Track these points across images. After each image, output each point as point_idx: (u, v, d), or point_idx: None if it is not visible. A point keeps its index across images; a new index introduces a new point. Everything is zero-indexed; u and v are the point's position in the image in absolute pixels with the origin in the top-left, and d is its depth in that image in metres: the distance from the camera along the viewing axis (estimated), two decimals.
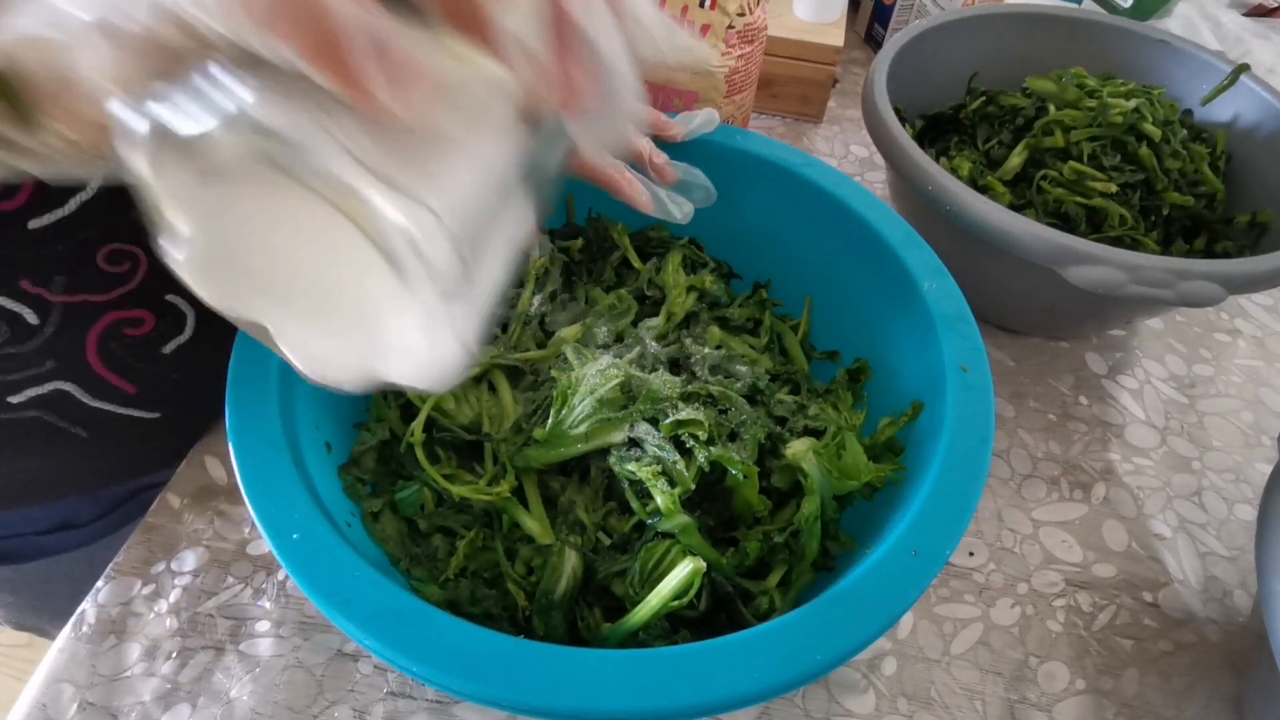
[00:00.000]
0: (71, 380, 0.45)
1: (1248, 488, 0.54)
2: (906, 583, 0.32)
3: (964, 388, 0.39)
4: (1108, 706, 0.43)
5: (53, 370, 0.43)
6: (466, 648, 0.29)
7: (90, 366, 0.45)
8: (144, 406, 0.48)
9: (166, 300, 0.46)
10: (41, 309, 0.41)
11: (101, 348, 0.44)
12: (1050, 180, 0.58)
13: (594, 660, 0.30)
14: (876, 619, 0.31)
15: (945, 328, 0.41)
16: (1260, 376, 0.61)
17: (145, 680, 0.42)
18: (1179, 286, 0.46)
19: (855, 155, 0.78)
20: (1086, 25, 0.67)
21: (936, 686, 0.44)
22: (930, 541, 0.33)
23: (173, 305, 0.46)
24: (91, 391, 0.46)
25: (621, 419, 0.39)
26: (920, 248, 0.45)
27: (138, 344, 0.46)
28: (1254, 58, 0.83)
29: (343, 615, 0.30)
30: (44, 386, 0.44)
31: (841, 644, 0.30)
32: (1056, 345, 0.62)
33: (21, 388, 0.43)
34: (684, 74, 0.60)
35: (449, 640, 0.30)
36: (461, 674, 0.29)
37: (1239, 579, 0.49)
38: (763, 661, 0.30)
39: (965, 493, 0.35)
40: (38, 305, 0.41)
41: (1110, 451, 0.55)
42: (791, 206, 0.50)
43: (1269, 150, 0.60)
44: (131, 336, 0.45)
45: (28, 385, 0.43)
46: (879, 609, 0.31)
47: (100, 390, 0.46)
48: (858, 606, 0.31)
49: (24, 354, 0.42)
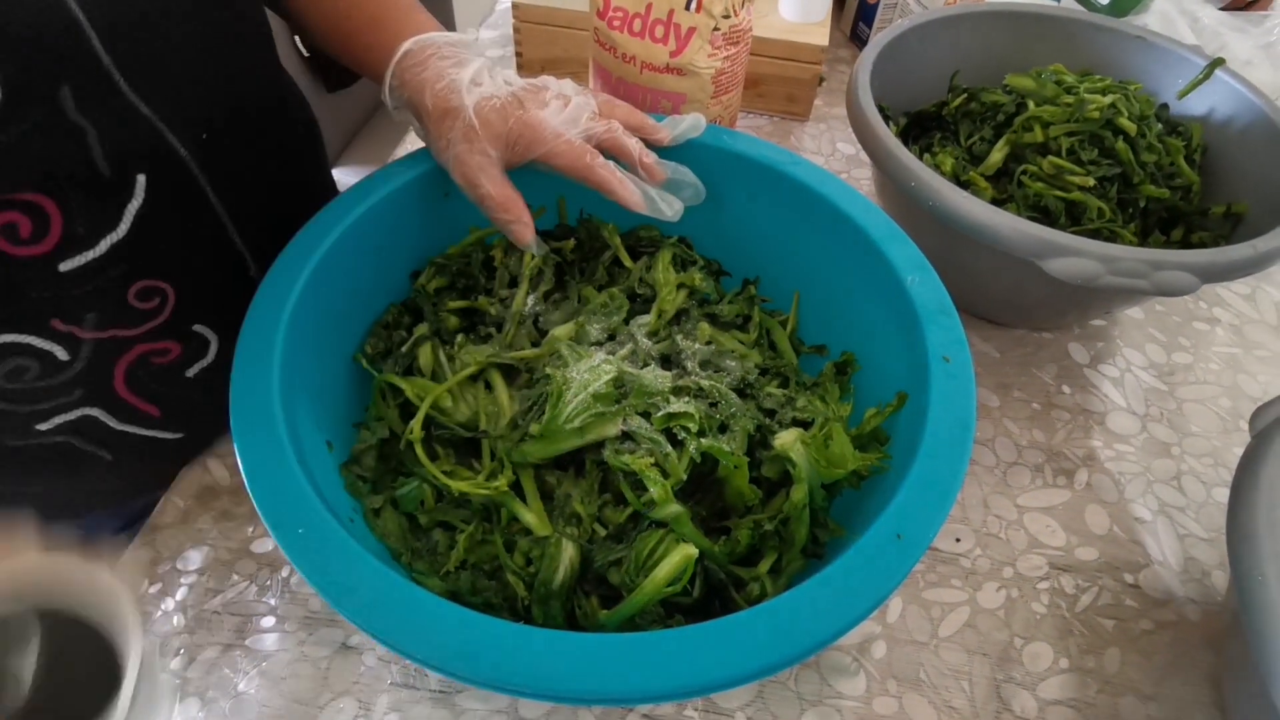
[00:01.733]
0: (99, 406, 0.45)
1: (1225, 471, 0.55)
2: (892, 565, 0.33)
3: (946, 377, 0.40)
4: (1091, 684, 0.45)
5: (81, 398, 0.44)
6: (469, 634, 0.31)
7: (117, 393, 0.45)
8: (168, 428, 0.49)
9: (194, 330, 0.47)
10: (72, 346, 0.42)
11: (129, 376, 0.45)
12: (1030, 175, 0.59)
13: (592, 644, 0.31)
14: (864, 600, 0.32)
15: (928, 320, 0.42)
16: (1238, 363, 0.62)
17: None
18: (1154, 277, 0.48)
19: (842, 152, 0.79)
20: (1066, 22, 0.69)
21: (925, 668, 0.45)
22: (914, 525, 0.34)
23: (198, 333, 0.47)
24: (118, 416, 0.46)
25: (615, 413, 0.40)
26: (903, 243, 0.46)
27: (163, 370, 0.46)
28: (1230, 52, 0.85)
29: (347, 606, 0.31)
30: (72, 413, 0.44)
31: (830, 624, 0.32)
32: (1040, 336, 0.63)
33: (50, 415, 0.44)
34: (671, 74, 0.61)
35: (452, 627, 0.31)
36: (465, 660, 0.30)
37: (1217, 560, 0.50)
38: (754, 642, 0.31)
39: (948, 478, 0.36)
40: (68, 342, 0.42)
41: (1092, 438, 0.57)
42: (779, 205, 0.51)
43: (1244, 142, 0.62)
44: (158, 364, 0.46)
45: (56, 413, 0.44)
46: (866, 590, 0.33)
47: (126, 414, 0.46)
48: (845, 588, 0.33)
49: (53, 386, 0.42)
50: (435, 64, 0.46)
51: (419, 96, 0.46)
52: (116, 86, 0.37)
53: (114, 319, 0.43)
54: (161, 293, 0.44)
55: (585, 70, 0.71)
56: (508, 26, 0.90)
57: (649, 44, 0.60)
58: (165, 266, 0.44)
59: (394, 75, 0.47)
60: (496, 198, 0.45)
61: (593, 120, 0.47)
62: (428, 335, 0.48)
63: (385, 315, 0.50)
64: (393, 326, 0.49)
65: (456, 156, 0.45)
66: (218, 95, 0.43)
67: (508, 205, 0.45)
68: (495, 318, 0.49)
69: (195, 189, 0.43)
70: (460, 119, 0.45)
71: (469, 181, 0.45)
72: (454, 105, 0.45)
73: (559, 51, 0.82)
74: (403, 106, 0.49)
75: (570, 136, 0.46)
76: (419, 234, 0.51)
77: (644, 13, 0.59)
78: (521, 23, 0.81)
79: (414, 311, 0.50)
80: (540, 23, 0.81)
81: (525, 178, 0.47)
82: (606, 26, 0.61)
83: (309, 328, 0.42)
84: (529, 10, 0.80)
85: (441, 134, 0.46)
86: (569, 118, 0.46)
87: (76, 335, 0.41)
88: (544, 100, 0.46)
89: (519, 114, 0.45)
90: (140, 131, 0.39)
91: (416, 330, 0.48)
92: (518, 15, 0.81)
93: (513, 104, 0.46)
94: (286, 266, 0.42)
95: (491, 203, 0.45)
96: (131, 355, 0.44)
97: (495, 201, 0.45)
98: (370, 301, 0.49)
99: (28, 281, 0.39)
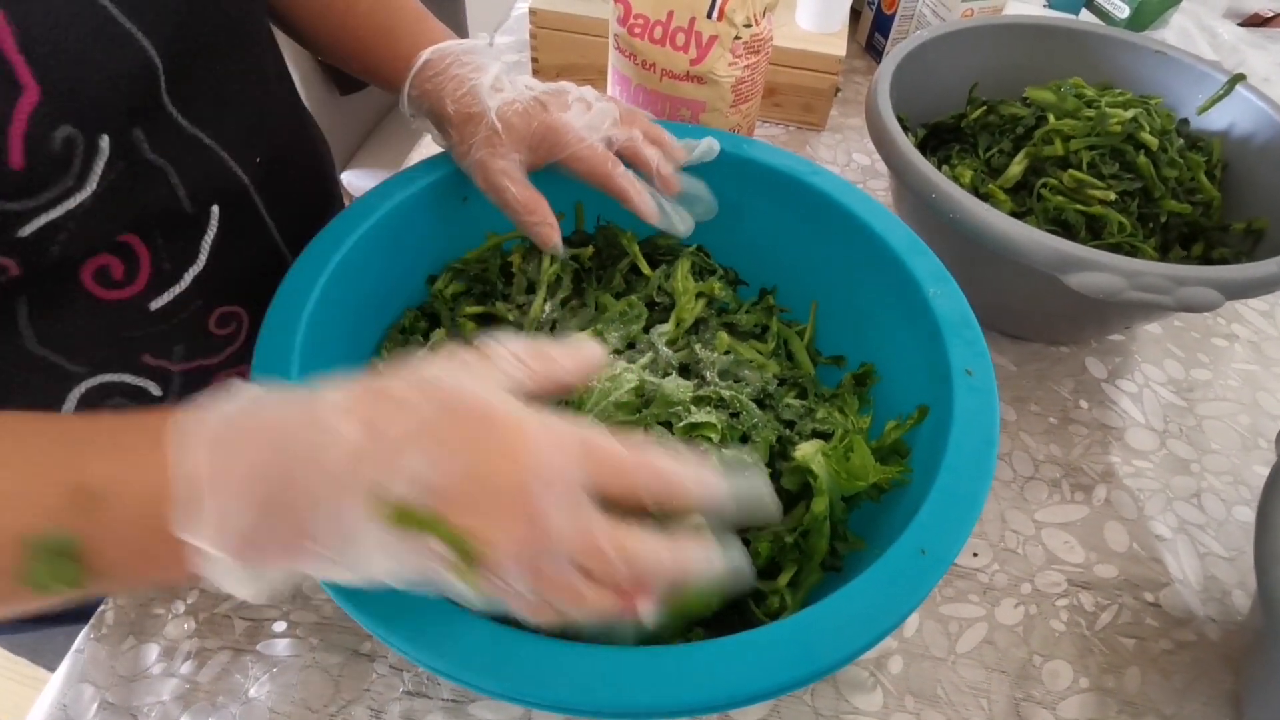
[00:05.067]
0: None
1: (1246, 489, 0.55)
2: (914, 582, 0.33)
3: (970, 391, 0.39)
4: (1110, 704, 0.44)
5: None
6: (487, 645, 0.30)
7: None
8: None
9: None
10: (164, 380, 0.43)
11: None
12: (1050, 188, 0.59)
13: (611, 657, 0.30)
14: (886, 618, 0.32)
15: (951, 333, 0.42)
16: (1257, 380, 0.62)
17: (164, 680, 0.42)
18: (1178, 292, 0.47)
19: (857, 163, 0.79)
20: (1084, 36, 0.69)
21: (943, 684, 0.44)
22: (938, 541, 0.34)
23: None
24: None
25: (636, 422, 0.40)
26: (924, 254, 0.46)
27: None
28: (1249, 67, 0.85)
29: (368, 616, 0.31)
30: None
31: (851, 643, 0.31)
32: (1057, 350, 0.63)
33: None
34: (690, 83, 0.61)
35: (470, 638, 0.30)
36: (483, 671, 0.29)
37: (1238, 579, 0.50)
38: (773, 659, 0.30)
39: (972, 493, 0.35)
40: (160, 377, 0.43)
41: (1111, 454, 0.56)
42: (798, 214, 0.50)
43: (1264, 158, 0.61)
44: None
45: None
46: (888, 608, 0.32)
47: None
48: (867, 605, 0.32)
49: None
50: (454, 71, 0.46)
51: (439, 105, 0.46)
52: (177, 122, 0.38)
53: (199, 349, 0.44)
54: (237, 318, 0.46)
55: (601, 77, 0.71)
56: (523, 32, 0.90)
57: (670, 51, 0.60)
58: (238, 291, 0.45)
59: (412, 85, 0.47)
60: (522, 200, 0.45)
61: (615, 127, 0.47)
62: (444, 341, 0.48)
63: (402, 320, 0.49)
64: (409, 331, 0.49)
65: (480, 161, 0.45)
66: (255, 120, 0.44)
67: (533, 207, 0.45)
68: (513, 324, 0.49)
69: (255, 213, 0.45)
70: (483, 124, 0.45)
71: (493, 185, 0.45)
72: (476, 111, 0.45)
73: (575, 57, 0.82)
74: (421, 115, 0.49)
75: (593, 141, 0.46)
76: (436, 239, 0.50)
77: (665, 20, 0.59)
78: (538, 29, 0.81)
79: (430, 317, 0.50)
80: (556, 29, 0.81)
81: (541, 184, 0.47)
82: (627, 33, 0.61)
83: (326, 332, 0.41)
84: (545, 16, 0.80)
85: (464, 139, 0.46)
86: (592, 122, 0.46)
87: (167, 369, 0.43)
88: (566, 103, 0.47)
89: (543, 117, 0.45)
90: (210, 163, 0.41)
91: (434, 335, 0.48)
92: (534, 21, 0.81)
93: (535, 107, 0.46)
94: (303, 272, 0.42)
95: (517, 205, 0.45)
96: (214, 384, 0.46)
97: (521, 204, 0.45)
98: (387, 306, 0.49)
99: (121, 322, 0.40)
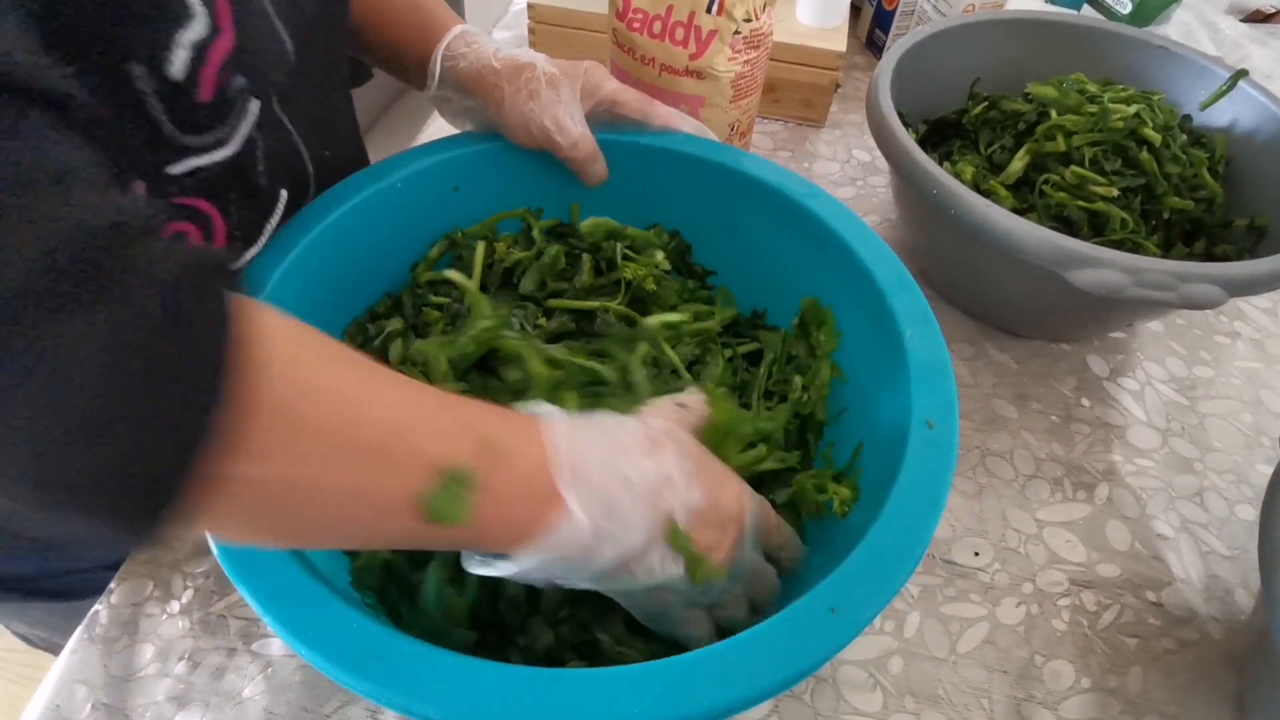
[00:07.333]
0: None
1: (1248, 488, 0.54)
2: (817, 640, 0.30)
3: (927, 444, 0.36)
4: (1112, 704, 0.44)
5: None
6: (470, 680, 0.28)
7: None
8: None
9: None
10: None
11: None
12: (1052, 184, 0.58)
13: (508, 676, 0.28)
14: (781, 670, 0.29)
15: (919, 379, 0.38)
16: (1260, 378, 0.62)
17: (159, 681, 0.42)
18: (1181, 289, 0.47)
19: (857, 159, 0.78)
20: (1086, 31, 0.68)
21: (943, 685, 0.44)
22: (851, 604, 0.31)
23: None
24: None
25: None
26: (910, 291, 0.42)
27: None
28: (1252, 63, 0.84)
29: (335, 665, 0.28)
30: None
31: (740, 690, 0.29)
32: (1058, 348, 0.62)
33: None
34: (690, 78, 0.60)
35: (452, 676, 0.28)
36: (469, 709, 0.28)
37: (1240, 578, 0.50)
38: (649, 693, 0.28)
39: (899, 557, 0.32)
40: None
41: (1112, 452, 0.56)
42: (791, 234, 0.49)
43: (1267, 154, 0.61)
44: None
45: None
46: (784, 660, 0.29)
47: None
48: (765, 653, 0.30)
49: None
50: (487, 41, 0.50)
51: (481, 61, 0.49)
52: (273, 106, 0.40)
53: None
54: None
55: None
56: (521, 28, 0.90)
57: (668, 46, 0.59)
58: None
59: (446, 51, 0.50)
60: (584, 139, 0.48)
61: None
62: (400, 331, 0.47)
63: (377, 305, 0.50)
64: (382, 317, 0.49)
65: (542, 103, 0.47)
66: (327, 117, 0.47)
67: (591, 147, 0.49)
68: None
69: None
70: (538, 69, 0.48)
71: (557, 124, 0.48)
72: (526, 60, 0.48)
73: (573, 53, 0.80)
74: (449, 82, 0.51)
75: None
76: (423, 226, 0.50)
77: (664, 15, 0.58)
78: (536, 23, 0.81)
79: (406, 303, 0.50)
80: (555, 24, 0.80)
81: (542, 184, 0.46)
82: (626, 28, 0.60)
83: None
84: (543, 11, 0.79)
85: (520, 86, 0.48)
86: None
87: None
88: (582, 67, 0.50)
89: (584, 64, 0.49)
90: (288, 149, 0.42)
91: (389, 324, 0.47)
92: (532, 16, 0.80)
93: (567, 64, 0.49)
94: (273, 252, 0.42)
95: (583, 142, 0.48)
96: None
97: (586, 141, 0.48)
98: (368, 291, 0.49)
99: None
